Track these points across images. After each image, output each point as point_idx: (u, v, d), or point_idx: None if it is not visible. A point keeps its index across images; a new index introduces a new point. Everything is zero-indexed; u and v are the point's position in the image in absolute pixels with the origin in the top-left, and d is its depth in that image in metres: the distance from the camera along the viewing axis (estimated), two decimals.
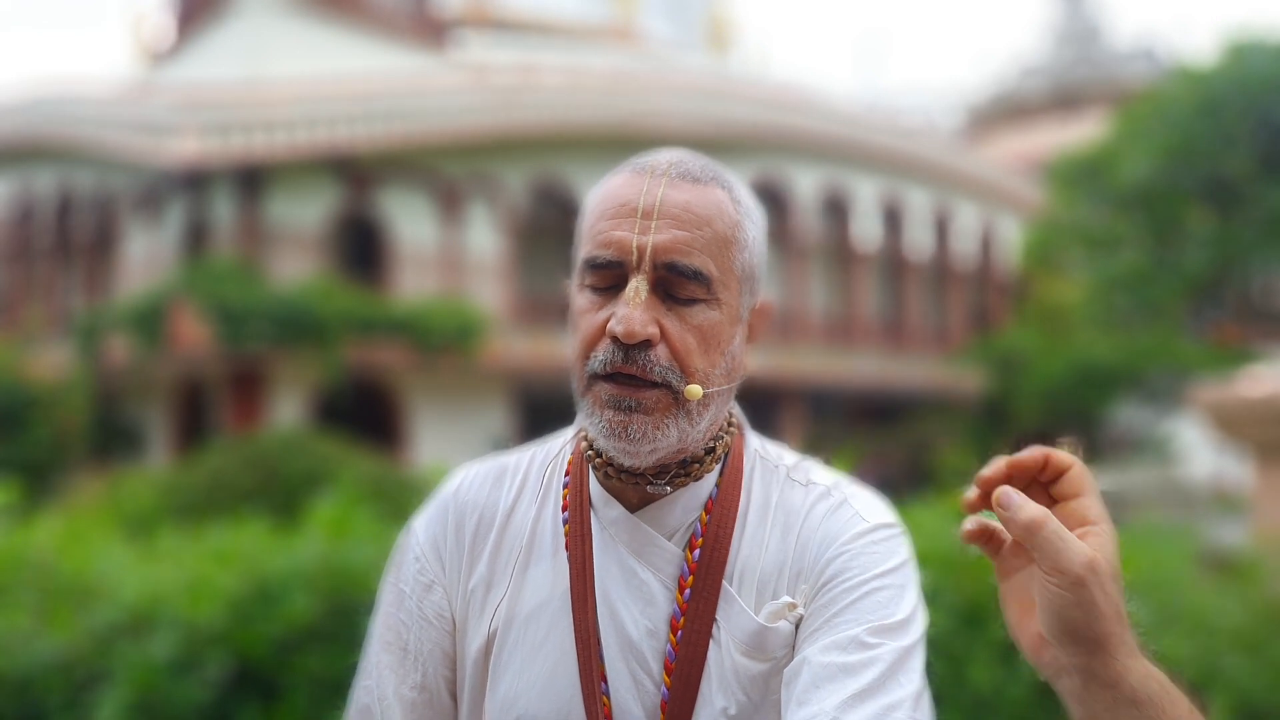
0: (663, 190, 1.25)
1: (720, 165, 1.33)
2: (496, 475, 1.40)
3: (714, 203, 1.26)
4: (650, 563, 1.30)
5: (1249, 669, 3.40)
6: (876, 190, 24.38)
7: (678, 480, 1.30)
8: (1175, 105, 18.89)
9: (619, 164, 1.34)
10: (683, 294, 1.24)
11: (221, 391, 18.40)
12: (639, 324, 1.21)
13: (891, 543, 1.29)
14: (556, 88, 20.51)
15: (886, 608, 1.24)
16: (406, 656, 1.36)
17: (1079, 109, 31.07)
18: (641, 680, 1.28)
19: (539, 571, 1.33)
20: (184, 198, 19.23)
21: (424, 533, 1.39)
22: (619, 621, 1.29)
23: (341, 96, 18.76)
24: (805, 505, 1.32)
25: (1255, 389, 5.18)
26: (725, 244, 1.26)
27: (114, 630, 3.59)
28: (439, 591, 1.37)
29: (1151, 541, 4.30)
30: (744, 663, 1.27)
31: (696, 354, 1.24)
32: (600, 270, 1.25)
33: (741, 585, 1.29)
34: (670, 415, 1.24)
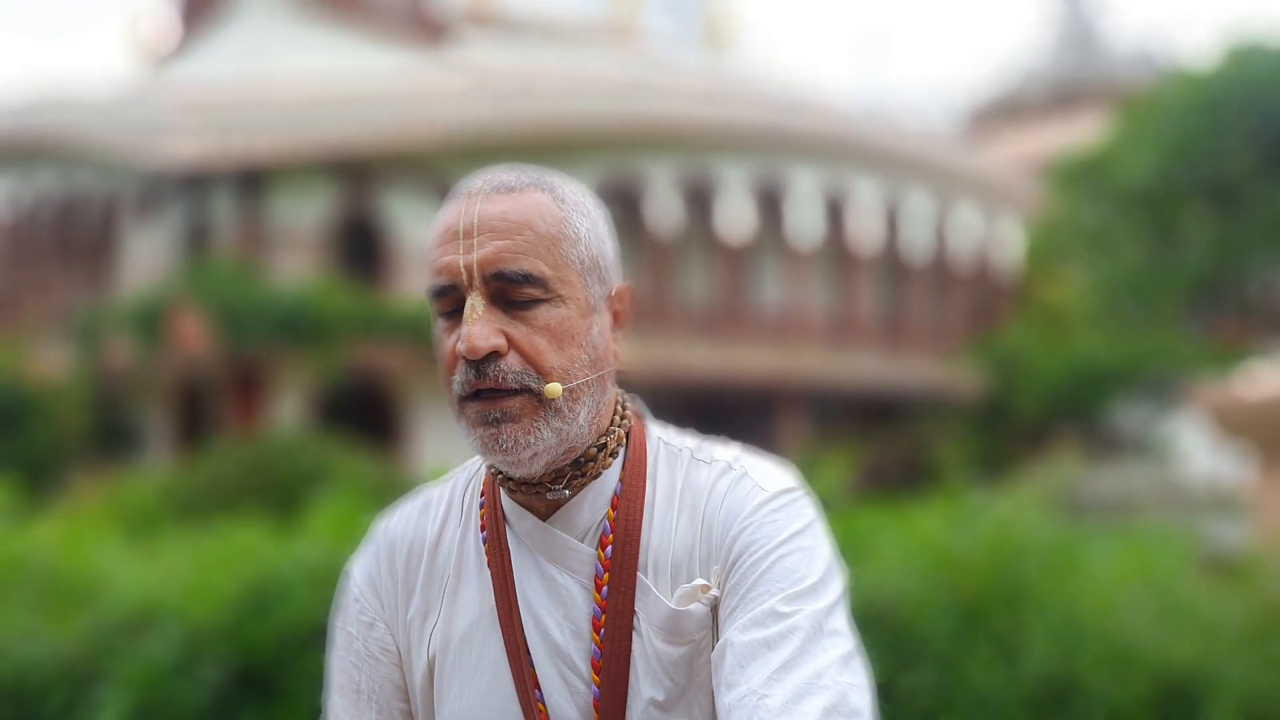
0: (479, 206, 1.28)
1: (543, 170, 1.35)
2: (422, 507, 1.43)
3: (531, 205, 1.29)
4: (567, 566, 1.32)
5: (1249, 669, 3.40)
6: (876, 190, 24.37)
7: (575, 482, 1.32)
8: (1175, 105, 18.89)
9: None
10: (520, 298, 1.26)
11: (222, 392, 18.39)
12: (480, 338, 1.24)
13: (793, 507, 1.30)
14: (556, 88, 20.50)
15: (796, 572, 1.24)
16: (360, 697, 1.40)
17: (1079, 109, 31.06)
18: (572, 682, 1.31)
19: (467, 593, 1.36)
20: (184, 198, 19.23)
21: (360, 574, 1.43)
22: (544, 628, 1.31)
23: (342, 97, 18.75)
24: (708, 483, 1.33)
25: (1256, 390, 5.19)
26: (552, 241, 1.28)
27: (114, 630, 3.59)
28: (381, 628, 1.40)
29: (1151, 542, 4.30)
30: (665, 649, 1.29)
31: (549, 353, 1.26)
32: (441, 297, 1.28)
33: (656, 573, 1.31)
34: (539, 417, 1.26)
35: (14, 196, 22.19)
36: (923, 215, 25.35)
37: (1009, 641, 3.41)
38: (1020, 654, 3.38)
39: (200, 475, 8.23)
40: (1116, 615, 3.53)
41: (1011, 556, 3.56)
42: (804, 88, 26.47)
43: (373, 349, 17.86)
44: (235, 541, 4.10)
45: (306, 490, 6.01)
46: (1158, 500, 9.89)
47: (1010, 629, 3.43)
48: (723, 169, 22.10)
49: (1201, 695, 3.36)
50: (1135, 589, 3.73)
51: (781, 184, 23.01)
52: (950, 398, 23.30)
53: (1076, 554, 3.82)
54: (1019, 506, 3.84)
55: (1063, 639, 3.40)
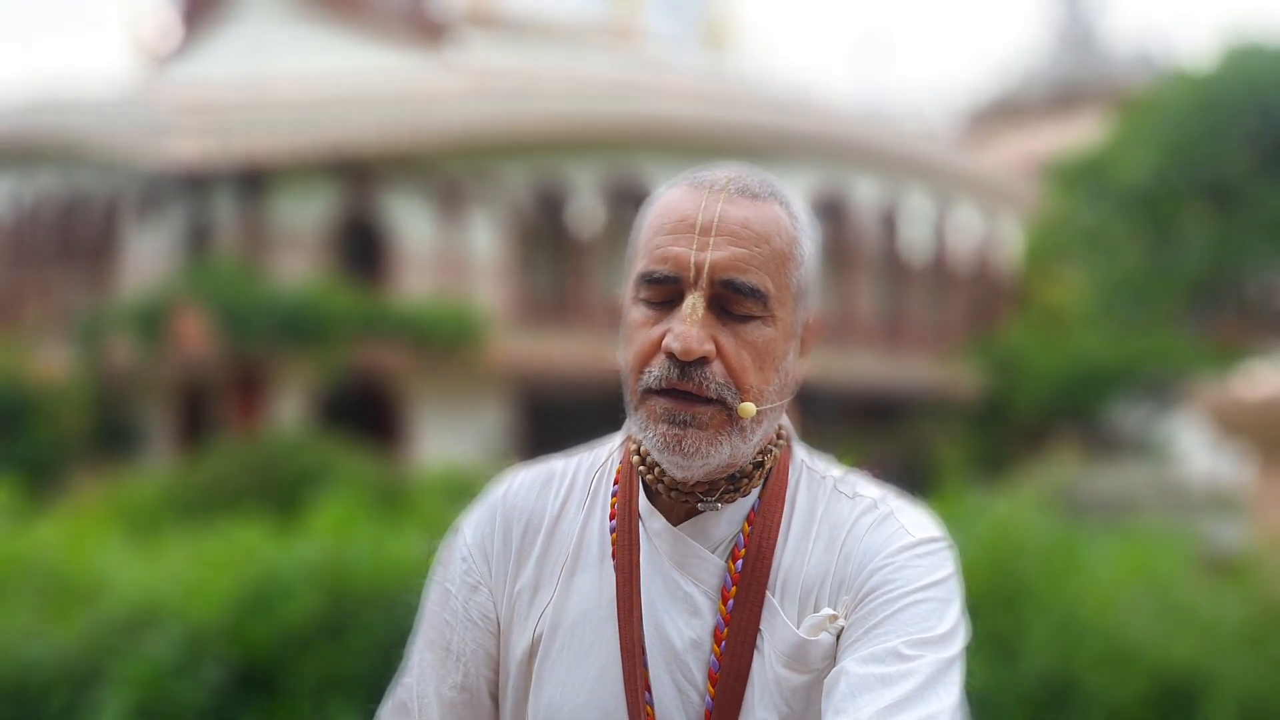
0: (721, 206, 1.25)
1: (780, 181, 1.33)
2: (544, 480, 1.40)
3: (772, 219, 1.27)
4: (693, 574, 1.30)
5: (1248, 669, 3.41)
6: (876, 190, 24.37)
7: (727, 496, 1.31)
8: (1174, 106, 18.89)
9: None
10: (739, 311, 1.25)
11: (223, 392, 18.40)
12: (696, 341, 1.21)
13: (936, 557, 1.28)
14: (557, 88, 20.50)
15: (927, 620, 1.23)
16: (449, 656, 1.37)
17: (1078, 110, 31.06)
18: (686, 690, 1.29)
19: (585, 579, 1.33)
20: (185, 199, 19.23)
21: (472, 534, 1.39)
22: (663, 632, 1.29)
23: (343, 98, 18.75)
24: (850, 517, 1.31)
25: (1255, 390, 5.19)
26: (782, 261, 1.27)
27: (115, 630, 3.59)
28: (484, 593, 1.37)
29: (1150, 542, 4.31)
30: (785, 674, 1.27)
31: (752, 371, 1.25)
32: (657, 285, 1.25)
33: (784, 596, 1.29)
34: (724, 432, 1.25)
35: (15, 197, 22.19)
36: (922, 215, 25.35)
37: (1008, 641, 3.42)
38: (1019, 653, 3.39)
39: (201, 475, 8.24)
40: (1116, 615, 3.53)
41: (1011, 556, 3.57)
42: (804, 88, 26.47)
43: (374, 349, 17.86)
44: (236, 541, 4.11)
45: (307, 490, 6.02)
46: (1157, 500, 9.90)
47: (1010, 629, 3.44)
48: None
49: (1200, 695, 3.36)
50: (1135, 589, 3.73)
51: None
52: (950, 398, 23.30)
53: (1076, 554, 3.83)
54: (1018, 506, 3.85)
55: (1062, 639, 3.41)
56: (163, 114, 18.11)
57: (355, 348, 17.51)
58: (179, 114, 17.83)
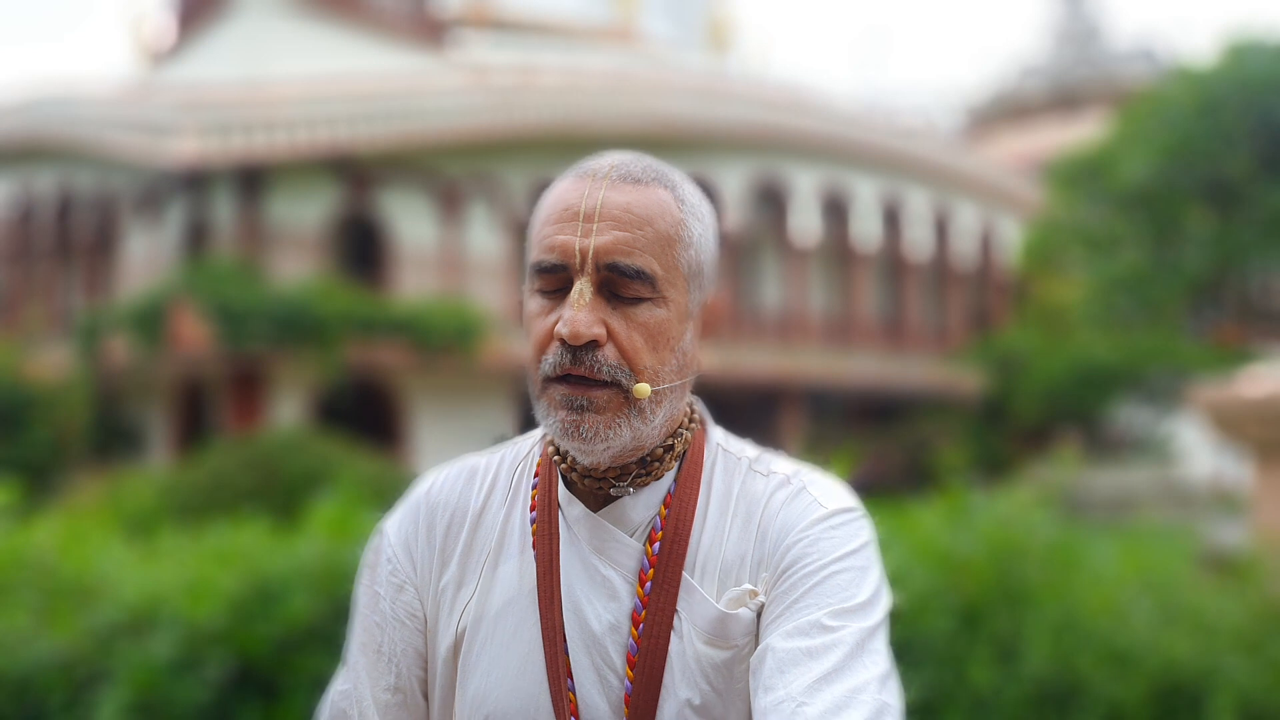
0: (603, 193, 1.27)
1: (666, 165, 1.34)
2: (468, 476, 1.41)
3: (656, 202, 1.28)
4: (611, 559, 1.32)
5: (1249, 669, 3.40)
6: (876, 190, 24.38)
7: (639, 480, 1.32)
8: (1175, 105, 18.88)
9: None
10: (627, 293, 1.26)
11: (222, 392, 18.39)
12: (584, 325, 1.23)
13: (851, 526, 1.30)
14: (556, 88, 20.50)
15: (847, 590, 1.25)
16: (380, 658, 1.38)
17: (1079, 109, 31.07)
18: (605, 674, 1.30)
19: (507, 569, 1.34)
20: (184, 198, 19.23)
21: (395, 534, 1.41)
22: (583, 617, 1.30)
23: (342, 97, 18.75)
24: (765, 494, 1.33)
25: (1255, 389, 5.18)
26: (668, 242, 1.27)
27: (114, 630, 3.59)
28: (410, 591, 1.38)
29: (1151, 541, 4.31)
30: (706, 651, 1.28)
31: (645, 352, 1.26)
32: (546, 274, 1.27)
33: (704, 576, 1.31)
34: (622, 414, 1.26)
35: (14, 196, 22.19)
36: (923, 215, 25.35)
37: (1009, 641, 3.42)
38: (1020, 654, 3.38)
39: (200, 475, 8.23)
40: (1116, 615, 3.53)
41: (1011, 556, 3.56)
42: (804, 88, 26.47)
43: (372, 349, 17.87)
44: (235, 541, 4.10)
45: (306, 490, 6.02)
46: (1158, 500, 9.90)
47: (1010, 629, 3.43)
48: (723, 169, 22.10)
49: (1201, 695, 3.36)
50: (1135, 589, 3.73)
51: (781, 184, 23.01)
52: (950, 398, 23.31)
53: (1076, 554, 3.82)
54: (1019, 506, 3.84)
55: (1063, 639, 3.40)
56: (162, 113, 18.11)
57: (354, 347, 17.51)
58: (178, 113, 17.83)
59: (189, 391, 19.33)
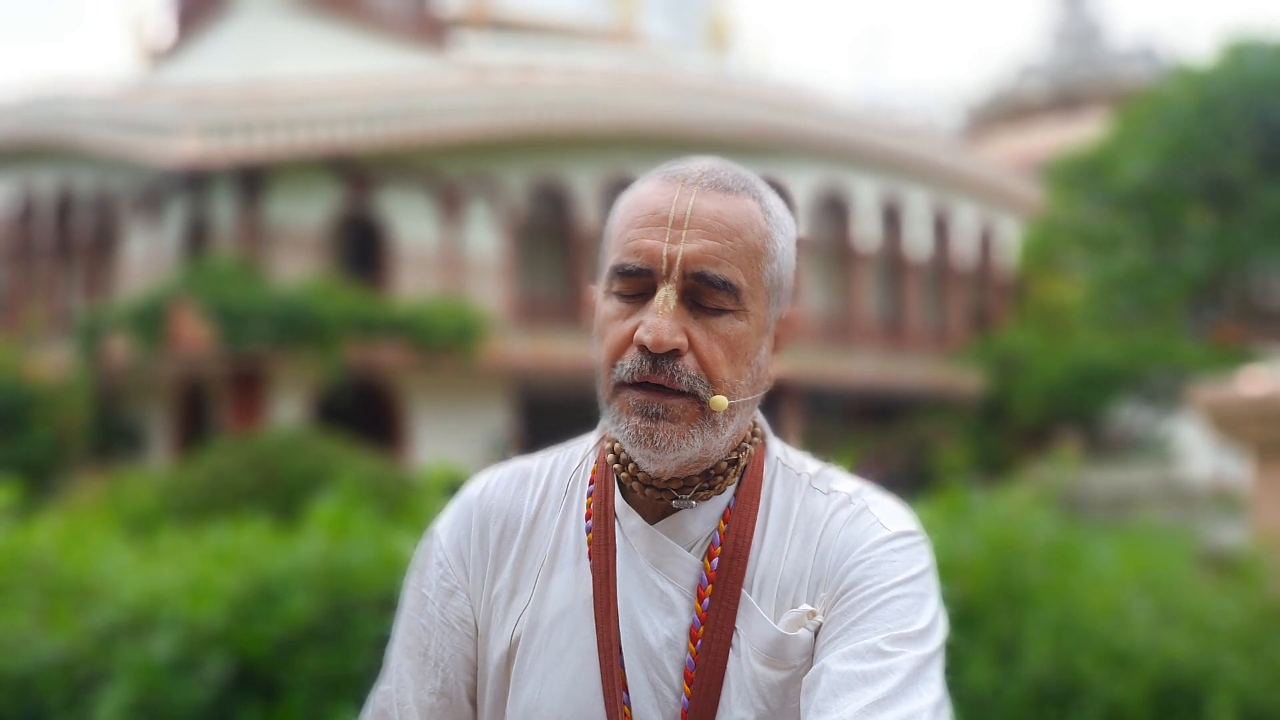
0: (694, 199, 1.25)
1: (753, 174, 1.33)
2: (520, 481, 1.39)
3: (745, 213, 1.27)
4: (669, 573, 1.30)
5: (1249, 669, 3.40)
6: (876, 190, 24.38)
7: (701, 494, 1.30)
8: (1175, 105, 18.89)
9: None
10: (711, 304, 1.24)
11: (222, 391, 18.40)
12: (667, 334, 1.21)
13: (912, 551, 1.28)
14: (556, 88, 20.50)
15: (905, 616, 1.23)
16: (427, 662, 1.37)
17: (1079, 109, 31.07)
18: (662, 689, 1.28)
19: (562, 579, 1.33)
20: (184, 198, 19.23)
21: (447, 537, 1.39)
22: (639, 631, 1.29)
23: (342, 97, 18.75)
24: (826, 513, 1.31)
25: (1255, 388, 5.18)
26: (755, 255, 1.27)
27: (114, 630, 3.59)
28: (462, 597, 1.36)
29: (1151, 541, 4.31)
30: (763, 671, 1.27)
31: (724, 365, 1.25)
32: (629, 278, 1.25)
33: (761, 594, 1.29)
34: (696, 425, 1.24)
35: (14, 196, 22.20)
36: (923, 215, 25.36)
37: (1009, 641, 3.42)
38: (1020, 654, 3.38)
39: (200, 475, 8.23)
40: (1116, 615, 3.53)
41: (1011, 556, 3.56)
42: (804, 88, 26.47)
43: (372, 348, 17.87)
44: (235, 541, 4.10)
45: (306, 490, 6.01)
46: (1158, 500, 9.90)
47: (1010, 629, 3.43)
48: None
49: (1201, 695, 3.36)
50: (1135, 589, 3.73)
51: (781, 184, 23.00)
52: (950, 398, 23.31)
53: (1076, 554, 3.82)
54: (1019, 506, 3.84)
55: (1062, 639, 3.40)
56: (162, 113, 18.11)
57: (354, 347, 17.51)
58: (178, 113, 17.83)
59: (189, 391, 19.33)
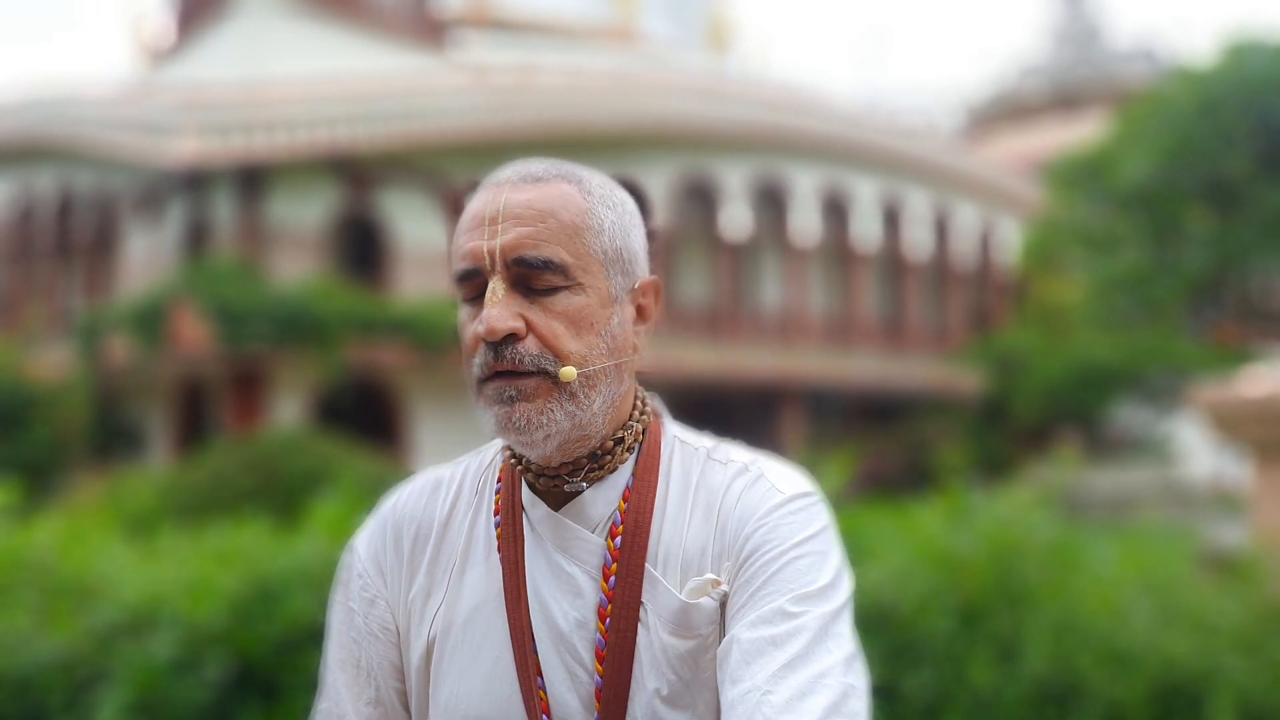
0: (505, 195, 1.31)
1: (574, 165, 1.37)
2: (432, 487, 1.43)
3: (556, 195, 1.31)
4: (575, 556, 1.33)
5: (1249, 669, 3.40)
6: (876, 190, 24.38)
7: (591, 475, 1.33)
8: (1175, 106, 18.89)
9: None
10: (540, 285, 1.28)
11: (222, 392, 18.40)
12: (498, 320, 1.26)
13: (808, 511, 1.31)
14: (556, 88, 20.51)
15: (807, 575, 1.26)
16: (360, 673, 1.40)
17: (1079, 109, 31.08)
18: (575, 671, 1.31)
19: (474, 576, 1.36)
20: (184, 198, 19.23)
21: (365, 549, 1.43)
22: (550, 616, 1.32)
23: (342, 97, 18.75)
24: (723, 483, 1.34)
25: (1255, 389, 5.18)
26: (575, 231, 1.30)
27: (114, 630, 3.59)
28: (382, 605, 1.40)
29: (1151, 541, 4.31)
30: (672, 642, 1.29)
31: (566, 338, 1.28)
32: (465, 281, 1.31)
33: (666, 567, 1.32)
34: (552, 399, 1.27)
35: (14, 196, 22.20)
36: (923, 215, 25.36)
37: (1009, 641, 3.42)
38: (1020, 654, 3.39)
39: (200, 475, 8.24)
40: (1116, 615, 3.53)
41: (1011, 556, 3.57)
42: (804, 88, 26.47)
43: (372, 348, 17.87)
44: (235, 541, 4.11)
45: (306, 490, 6.02)
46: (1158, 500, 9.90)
47: (1010, 629, 3.43)
48: (723, 169, 22.11)
49: (1201, 695, 3.36)
50: (1135, 589, 3.73)
51: (781, 184, 23.01)
52: (950, 398, 23.31)
53: (1076, 554, 3.82)
54: (1019, 506, 3.84)
55: (1062, 639, 3.41)
56: (162, 113, 18.11)
57: (354, 347, 17.52)
58: (178, 113, 17.83)
59: (189, 391, 19.33)
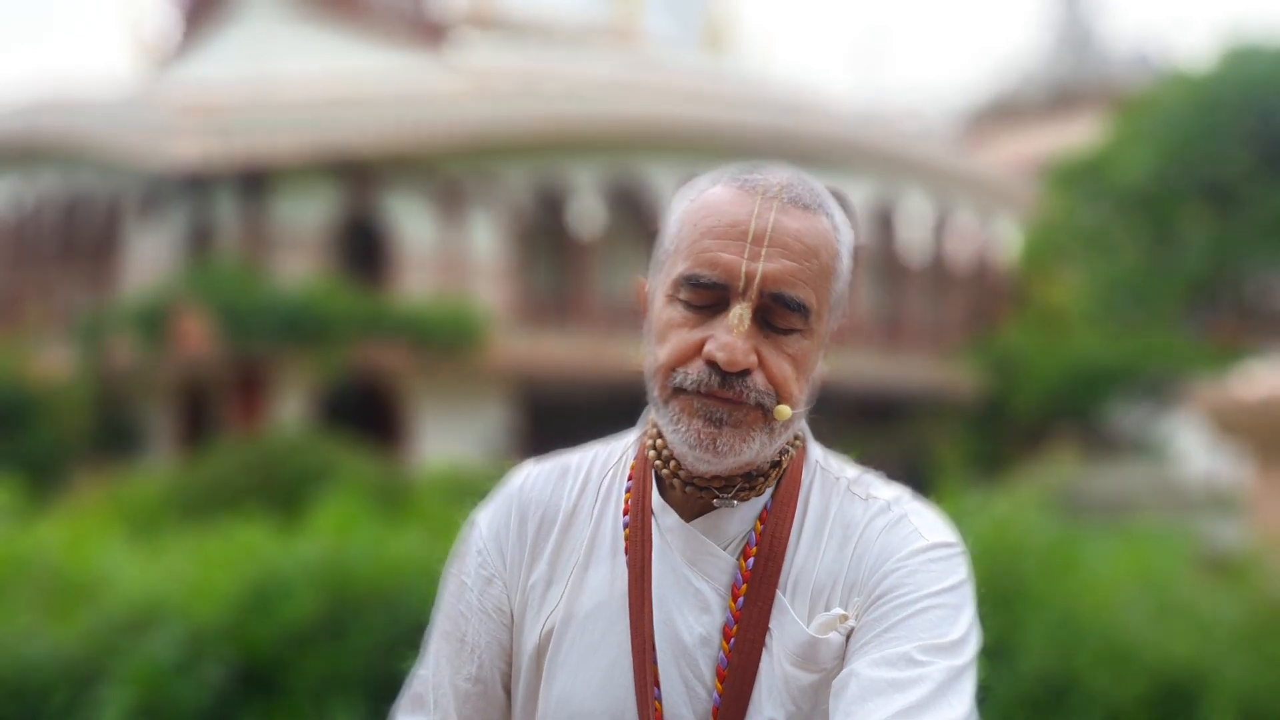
0: (774, 215, 1.23)
1: (822, 186, 1.31)
2: (560, 474, 1.40)
3: (821, 233, 1.26)
4: (705, 571, 1.30)
5: (1248, 669, 3.42)
6: (874, 191, 24.37)
7: (742, 494, 1.30)
8: (1172, 107, 18.90)
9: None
10: (782, 324, 1.24)
11: (224, 392, 18.40)
12: (741, 354, 1.21)
13: (950, 561, 1.28)
14: (557, 89, 20.51)
15: (940, 626, 1.23)
16: (464, 647, 1.38)
17: (1076, 110, 31.06)
18: (694, 686, 1.29)
19: (598, 573, 1.33)
20: (187, 199, 19.24)
21: (488, 526, 1.40)
22: (674, 627, 1.29)
23: (343, 98, 18.75)
24: (864, 519, 1.31)
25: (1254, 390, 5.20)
26: (827, 275, 1.26)
27: (116, 629, 3.60)
28: (499, 585, 1.37)
29: (1149, 542, 4.32)
30: (794, 673, 1.27)
31: (793, 381, 1.25)
32: (702, 289, 1.24)
33: (795, 596, 1.29)
34: (756, 430, 1.25)
35: (17, 197, 22.20)
36: (921, 216, 25.35)
37: (1008, 641, 3.43)
38: (1019, 653, 3.40)
39: (202, 475, 8.25)
40: (1115, 614, 3.54)
41: (1010, 556, 3.58)
42: (802, 89, 26.48)
43: (375, 349, 17.87)
44: (237, 541, 4.12)
45: (309, 490, 6.03)
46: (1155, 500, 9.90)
47: (1009, 628, 3.44)
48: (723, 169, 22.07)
49: (1199, 694, 3.37)
50: (1133, 588, 3.74)
51: None
52: (948, 398, 23.30)
53: (1075, 554, 3.83)
54: (1017, 506, 3.86)
55: (1061, 638, 3.42)
56: (164, 114, 18.12)
57: (356, 348, 17.52)
58: (180, 114, 17.84)
59: (191, 392, 19.33)
